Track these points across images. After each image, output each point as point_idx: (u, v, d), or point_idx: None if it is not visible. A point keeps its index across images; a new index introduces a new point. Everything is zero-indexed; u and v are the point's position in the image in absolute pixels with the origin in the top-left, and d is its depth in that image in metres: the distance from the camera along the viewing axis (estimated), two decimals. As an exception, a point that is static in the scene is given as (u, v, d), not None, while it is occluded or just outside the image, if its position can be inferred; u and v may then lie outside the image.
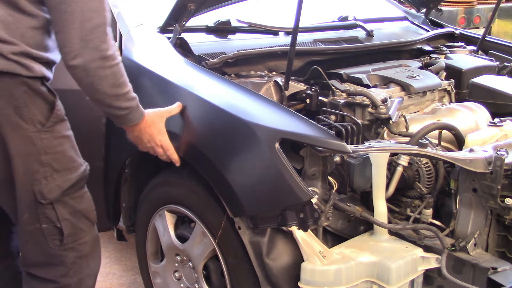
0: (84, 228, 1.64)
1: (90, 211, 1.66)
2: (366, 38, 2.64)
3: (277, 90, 2.00)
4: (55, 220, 1.57)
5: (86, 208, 1.64)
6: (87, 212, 1.65)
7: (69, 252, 1.62)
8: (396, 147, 1.63)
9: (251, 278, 1.67)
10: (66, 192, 1.57)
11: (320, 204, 1.56)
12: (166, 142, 1.72)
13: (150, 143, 1.71)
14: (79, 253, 1.64)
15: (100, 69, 1.45)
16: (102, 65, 1.44)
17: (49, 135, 1.51)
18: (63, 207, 1.57)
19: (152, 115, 1.69)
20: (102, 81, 1.46)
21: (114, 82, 1.49)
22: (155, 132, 1.70)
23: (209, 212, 1.75)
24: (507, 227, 1.65)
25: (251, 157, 1.58)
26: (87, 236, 1.65)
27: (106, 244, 2.99)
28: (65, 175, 1.55)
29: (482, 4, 7.66)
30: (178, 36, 2.12)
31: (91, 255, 1.68)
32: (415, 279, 1.61)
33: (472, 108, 2.15)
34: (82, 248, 1.64)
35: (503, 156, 1.54)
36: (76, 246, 1.63)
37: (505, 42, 3.00)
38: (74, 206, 1.60)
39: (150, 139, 1.70)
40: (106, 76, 1.46)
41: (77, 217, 1.61)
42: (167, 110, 1.73)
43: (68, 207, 1.58)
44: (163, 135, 1.71)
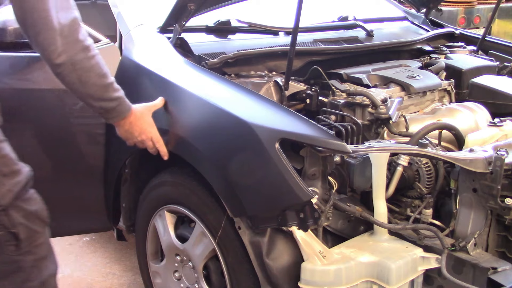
0: (39, 230, 1.59)
1: (42, 211, 1.61)
2: (366, 38, 2.64)
3: (277, 90, 2.00)
4: (9, 226, 1.51)
5: (37, 209, 1.59)
6: (39, 213, 1.60)
7: (26, 256, 1.57)
8: (396, 147, 1.63)
9: (251, 278, 1.67)
10: (18, 195, 1.52)
11: (320, 204, 1.56)
12: (156, 134, 1.75)
13: (141, 136, 1.72)
14: (37, 255, 1.59)
15: (85, 60, 1.46)
16: (86, 56, 1.46)
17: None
18: (16, 212, 1.52)
19: (140, 108, 1.71)
20: (90, 73, 1.48)
21: (100, 72, 1.51)
22: (145, 125, 1.72)
23: (209, 212, 1.75)
24: (507, 227, 1.65)
25: (251, 157, 1.58)
26: (42, 237, 1.61)
27: (106, 244, 2.99)
28: (14, 178, 1.51)
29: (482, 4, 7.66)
30: (178, 36, 2.12)
31: (48, 256, 1.64)
32: (415, 279, 1.61)
33: (472, 108, 2.15)
34: (38, 251, 1.60)
35: (503, 156, 1.54)
36: (33, 249, 1.58)
37: (505, 42, 3.00)
38: (27, 209, 1.55)
39: (141, 132, 1.71)
40: (92, 67, 1.48)
41: (31, 219, 1.57)
42: (153, 104, 1.77)
43: (21, 211, 1.54)
44: (153, 127, 1.74)
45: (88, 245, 3.00)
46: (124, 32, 2.16)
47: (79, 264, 2.81)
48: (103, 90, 1.54)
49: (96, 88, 1.52)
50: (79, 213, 2.23)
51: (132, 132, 1.71)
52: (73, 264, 2.81)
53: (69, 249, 2.96)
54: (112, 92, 1.57)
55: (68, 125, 1.99)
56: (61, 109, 1.99)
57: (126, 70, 2.04)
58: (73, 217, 2.24)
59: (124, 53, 2.09)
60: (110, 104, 1.58)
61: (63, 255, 2.87)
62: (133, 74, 2.02)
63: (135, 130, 1.70)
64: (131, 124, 1.68)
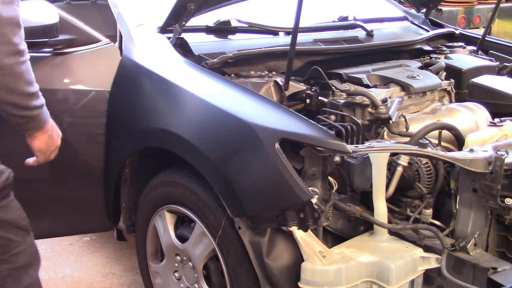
0: (15, 238, 1.53)
1: (22, 219, 1.55)
2: (366, 38, 2.64)
3: (277, 90, 2.00)
4: None
5: (15, 217, 1.53)
6: (17, 221, 1.53)
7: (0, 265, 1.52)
8: (396, 147, 1.63)
9: (251, 278, 1.67)
10: None
11: (320, 204, 1.56)
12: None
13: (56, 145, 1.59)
14: (13, 264, 1.53)
15: (16, 66, 1.33)
16: (17, 61, 1.33)
17: None
18: None
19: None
20: (19, 80, 1.36)
21: (28, 80, 1.39)
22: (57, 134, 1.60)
23: (209, 212, 1.75)
24: (507, 227, 1.65)
25: (251, 157, 1.58)
26: (21, 246, 1.55)
27: (106, 244, 2.99)
28: None
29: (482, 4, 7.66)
30: (178, 36, 2.12)
31: (29, 264, 1.58)
32: (415, 279, 1.61)
33: (472, 108, 2.15)
34: (15, 260, 1.53)
35: (503, 156, 1.54)
36: (8, 258, 1.52)
37: (505, 42, 3.00)
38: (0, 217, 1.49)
39: (57, 140, 1.59)
40: (22, 74, 1.36)
41: (5, 227, 1.50)
42: None
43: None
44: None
45: (88, 245, 3.00)
46: (124, 32, 2.16)
47: (79, 264, 2.81)
48: (29, 99, 1.41)
49: (22, 97, 1.39)
50: (79, 213, 2.23)
51: (53, 140, 1.57)
52: (73, 264, 2.81)
53: (69, 249, 2.96)
54: (37, 100, 1.43)
55: (68, 125, 1.99)
56: (61, 109, 1.99)
57: (126, 70, 2.04)
58: (73, 217, 2.24)
59: (124, 53, 2.09)
60: (33, 113, 1.44)
61: (63, 255, 2.88)
62: (133, 74, 2.02)
63: (54, 139, 1.57)
64: (52, 129, 1.55)
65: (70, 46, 2.03)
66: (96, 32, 2.08)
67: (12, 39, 1.30)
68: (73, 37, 2.02)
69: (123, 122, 2.02)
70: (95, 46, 2.05)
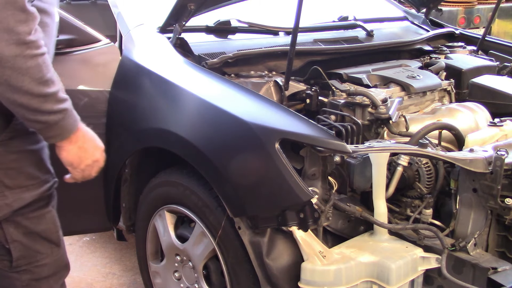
0: (42, 251, 1.47)
1: (52, 233, 1.48)
2: (366, 38, 2.64)
3: (277, 90, 2.00)
4: (3, 240, 1.40)
5: (45, 229, 1.46)
6: (47, 233, 1.46)
7: (22, 275, 1.46)
8: (396, 147, 1.63)
9: (251, 278, 1.67)
10: (19, 212, 1.39)
11: (320, 204, 1.56)
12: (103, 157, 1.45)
13: (94, 155, 1.40)
14: (36, 275, 1.47)
15: (19, 59, 1.14)
16: (21, 53, 1.14)
17: (2, 149, 1.33)
18: (14, 228, 1.40)
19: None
20: (23, 77, 1.16)
21: (41, 78, 1.19)
22: (95, 143, 1.41)
23: (209, 212, 1.75)
24: (507, 227, 1.65)
25: (251, 157, 1.58)
26: (47, 258, 1.48)
27: (106, 244, 2.99)
28: (18, 194, 1.36)
29: (482, 4, 7.65)
30: (178, 36, 2.12)
31: (53, 277, 1.51)
32: (415, 279, 1.61)
33: (472, 108, 2.15)
34: (39, 271, 1.47)
35: (503, 156, 1.54)
36: (32, 268, 1.46)
37: (505, 42, 3.00)
38: (29, 227, 1.42)
39: (94, 151, 1.40)
40: (28, 69, 1.16)
41: (33, 238, 1.44)
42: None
43: (21, 228, 1.41)
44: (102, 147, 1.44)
45: (88, 245, 3.00)
46: (124, 32, 2.16)
47: (79, 264, 2.81)
48: (41, 101, 1.21)
49: (30, 98, 1.19)
50: (79, 213, 2.23)
51: (87, 153, 1.37)
52: (73, 264, 2.79)
53: (69, 249, 2.95)
54: (55, 104, 1.24)
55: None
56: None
57: (126, 70, 2.04)
58: (73, 217, 2.24)
59: (124, 53, 2.09)
60: (51, 118, 1.25)
61: (63, 255, 2.87)
62: (133, 74, 2.02)
63: (89, 152, 1.38)
64: (83, 140, 1.36)
65: (70, 46, 2.03)
66: (96, 32, 2.08)
67: (14, 26, 1.12)
68: (73, 37, 2.02)
69: (123, 122, 2.01)
70: (95, 46, 2.05)
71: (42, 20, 1.27)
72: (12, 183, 1.36)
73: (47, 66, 1.21)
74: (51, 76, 1.23)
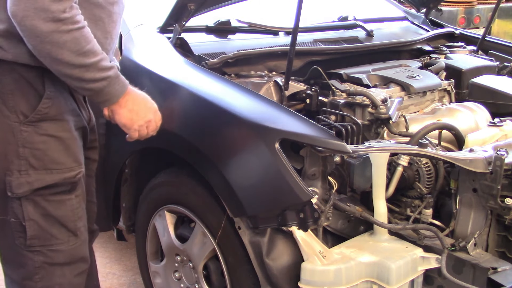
0: (58, 236, 1.50)
1: (70, 221, 1.52)
2: (366, 38, 2.64)
3: (277, 90, 2.00)
4: (20, 217, 1.46)
5: (63, 215, 1.50)
6: (64, 220, 1.50)
7: (35, 255, 1.50)
8: (396, 147, 1.63)
9: (251, 278, 1.67)
10: (39, 192, 1.45)
11: (320, 204, 1.56)
12: (159, 115, 1.57)
13: (147, 116, 1.51)
14: (49, 259, 1.51)
15: (55, 34, 1.26)
16: (57, 29, 1.26)
17: (31, 129, 1.41)
18: (32, 207, 1.46)
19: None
20: (62, 49, 1.28)
21: (78, 50, 1.30)
22: (150, 103, 1.53)
23: (209, 212, 1.75)
24: (507, 227, 1.65)
25: (251, 157, 1.58)
26: (63, 245, 1.52)
27: (106, 244, 2.99)
28: (42, 175, 1.44)
29: (482, 4, 7.65)
30: (178, 36, 2.12)
31: (67, 266, 1.54)
32: (415, 279, 1.61)
33: (472, 108, 2.15)
34: (53, 255, 1.51)
35: (503, 156, 1.54)
36: (46, 251, 1.50)
37: (505, 42, 3.00)
38: (48, 210, 1.47)
39: (147, 112, 1.51)
40: (65, 43, 1.28)
41: (50, 222, 1.48)
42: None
43: (39, 208, 1.47)
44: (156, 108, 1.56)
45: (88, 245, 3.00)
46: (124, 32, 2.16)
47: (79, 264, 2.81)
48: (83, 70, 1.32)
49: (72, 68, 1.31)
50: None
51: (138, 115, 1.48)
52: (73, 264, 2.81)
53: (69, 249, 2.96)
54: (97, 72, 1.34)
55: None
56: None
57: (126, 70, 2.03)
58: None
59: (124, 53, 2.09)
60: (95, 86, 1.36)
61: (63, 255, 2.87)
62: (133, 74, 2.01)
63: (140, 114, 1.49)
64: (133, 103, 1.47)
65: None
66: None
67: (49, 5, 1.23)
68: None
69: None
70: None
71: (95, 13, 1.42)
72: (37, 164, 1.43)
73: (86, 39, 1.31)
74: (91, 47, 1.33)
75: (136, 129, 1.51)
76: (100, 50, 1.36)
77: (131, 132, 1.53)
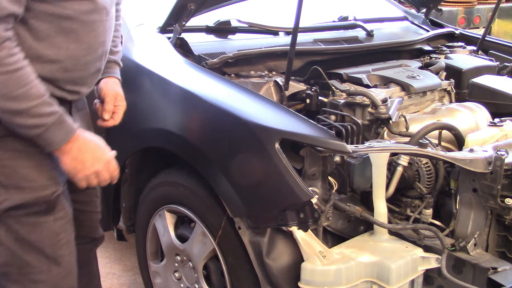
0: (35, 264, 1.37)
1: (47, 246, 1.38)
2: (366, 38, 2.64)
3: (277, 90, 2.00)
4: None
5: (40, 240, 1.36)
6: (41, 246, 1.37)
7: (13, 285, 1.38)
8: (396, 147, 1.63)
9: (251, 278, 1.67)
10: (11, 214, 1.33)
11: (320, 204, 1.56)
12: (114, 163, 1.43)
13: (94, 166, 1.35)
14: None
15: None
16: None
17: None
18: (4, 230, 1.34)
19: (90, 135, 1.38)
20: None
21: (6, 94, 1.20)
22: (99, 152, 1.37)
23: (209, 212, 1.75)
24: (507, 227, 1.65)
25: (251, 157, 1.58)
26: (42, 275, 1.38)
27: (106, 244, 2.99)
28: (12, 194, 1.32)
29: (482, 4, 7.66)
30: (178, 36, 2.12)
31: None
32: (415, 279, 1.61)
33: (472, 108, 2.15)
34: (33, 286, 1.38)
35: (503, 156, 1.54)
36: (25, 282, 1.37)
37: (505, 42, 3.00)
38: (20, 233, 1.35)
39: (93, 164, 1.35)
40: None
41: (24, 247, 1.36)
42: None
43: (11, 232, 1.35)
44: (107, 153, 1.41)
45: (88, 245, 3.00)
46: (124, 32, 2.16)
47: (79, 264, 2.81)
48: (12, 115, 1.23)
49: (1, 111, 1.22)
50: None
51: (83, 165, 1.33)
52: (73, 264, 2.81)
53: (69, 249, 2.96)
54: (29, 119, 1.23)
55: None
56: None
57: (126, 70, 2.03)
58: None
59: (124, 53, 2.08)
60: (28, 131, 1.26)
61: (63, 255, 2.87)
62: (133, 74, 2.02)
63: (86, 164, 1.33)
64: (79, 151, 1.32)
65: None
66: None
67: None
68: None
69: (123, 122, 2.01)
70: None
71: (64, 26, 1.31)
72: (6, 182, 1.33)
73: (19, 83, 1.21)
74: (24, 92, 1.22)
75: (80, 178, 1.36)
76: (41, 93, 1.25)
77: (76, 181, 1.37)
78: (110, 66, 1.63)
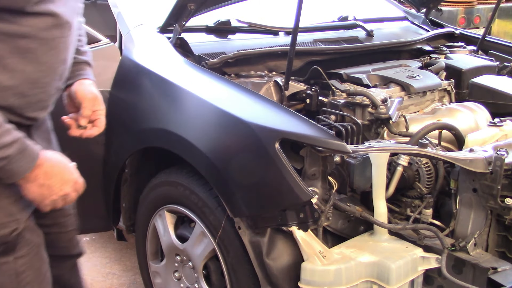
0: None
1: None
2: (366, 38, 2.64)
3: (277, 90, 2.00)
4: None
5: (0, 283, 1.24)
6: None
7: None
8: (396, 147, 1.63)
9: (251, 278, 1.67)
10: None
11: (320, 204, 1.56)
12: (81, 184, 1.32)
13: (62, 190, 1.25)
14: None
15: None
16: None
17: None
18: None
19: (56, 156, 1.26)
20: None
21: None
22: (67, 174, 1.26)
23: (209, 212, 1.75)
24: (507, 227, 1.65)
25: (251, 157, 1.58)
26: None
27: (106, 244, 2.99)
28: None
29: (482, 4, 7.66)
30: (178, 36, 2.12)
31: None
32: (415, 279, 1.61)
33: (472, 108, 2.15)
34: None
35: (503, 156, 1.54)
36: None
37: (505, 42, 3.00)
38: None
39: (61, 187, 1.24)
40: None
41: None
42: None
43: None
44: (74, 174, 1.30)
45: (88, 245, 3.00)
46: (124, 32, 2.16)
47: (79, 264, 2.81)
48: None
49: None
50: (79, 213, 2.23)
51: (50, 190, 1.22)
52: (73, 264, 2.81)
53: (69, 249, 2.96)
54: None
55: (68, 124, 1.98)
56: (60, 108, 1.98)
57: (126, 70, 2.04)
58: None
59: (124, 53, 2.09)
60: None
61: (63, 255, 2.87)
62: (133, 74, 2.02)
63: (54, 188, 1.23)
64: (45, 176, 1.21)
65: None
66: (96, 32, 2.08)
67: None
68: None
69: (123, 122, 2.02)
70: (95, 46, 2.05)
71: (19, 46, 1.18)
72: None
73: None
74: None
75: (47, 204, 1.25)
76: (2, 123, 1.13)
77: (42, 207, 1.26)
78: (81, 68, 1.47)
